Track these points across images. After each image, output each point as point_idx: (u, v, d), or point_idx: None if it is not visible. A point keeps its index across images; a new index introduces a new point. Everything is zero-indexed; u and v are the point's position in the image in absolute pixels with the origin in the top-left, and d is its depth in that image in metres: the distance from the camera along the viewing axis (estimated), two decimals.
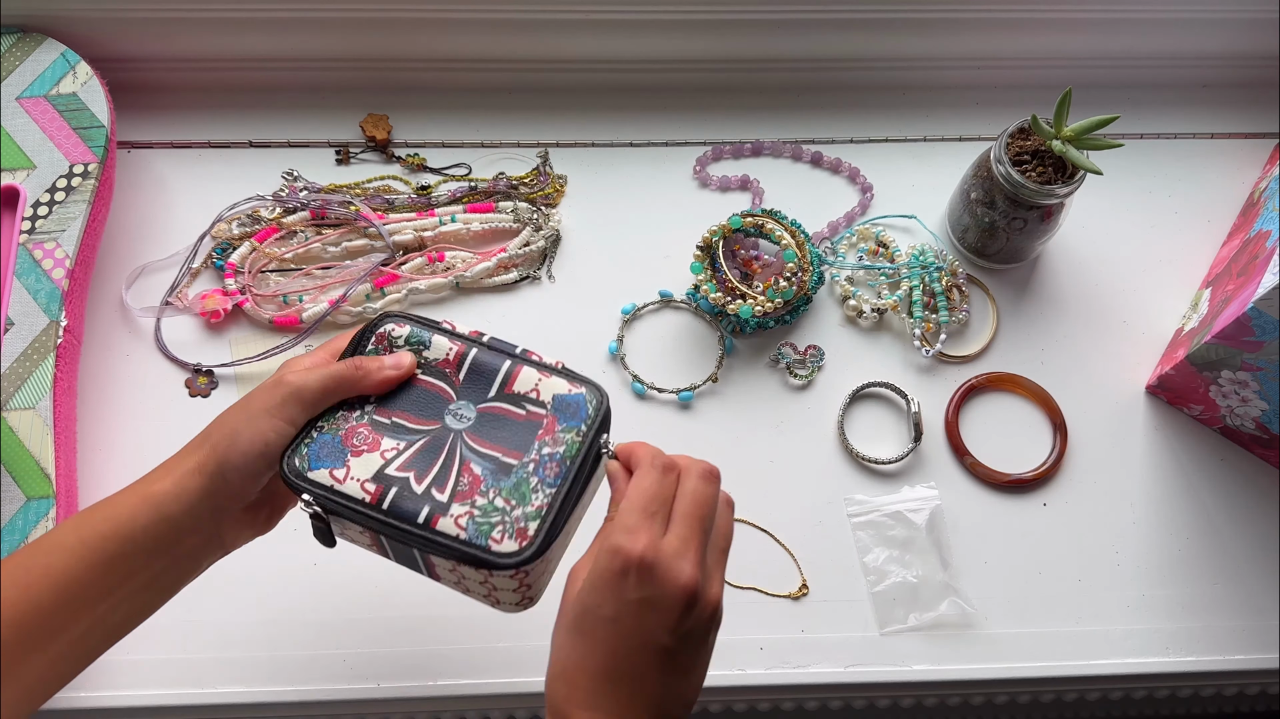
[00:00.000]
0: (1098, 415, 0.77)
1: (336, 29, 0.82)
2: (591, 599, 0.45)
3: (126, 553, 0.47)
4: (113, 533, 0.46)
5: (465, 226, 0.80)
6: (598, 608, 0.45)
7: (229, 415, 0.50)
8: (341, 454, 0.50)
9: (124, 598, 0.47)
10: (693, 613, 0.45)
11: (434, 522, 0.49)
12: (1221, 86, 0.90)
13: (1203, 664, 0.71)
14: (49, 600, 0.45)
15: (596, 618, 0.45)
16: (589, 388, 0.53)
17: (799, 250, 0.77)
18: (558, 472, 0.50)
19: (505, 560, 0.48)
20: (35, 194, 0.74)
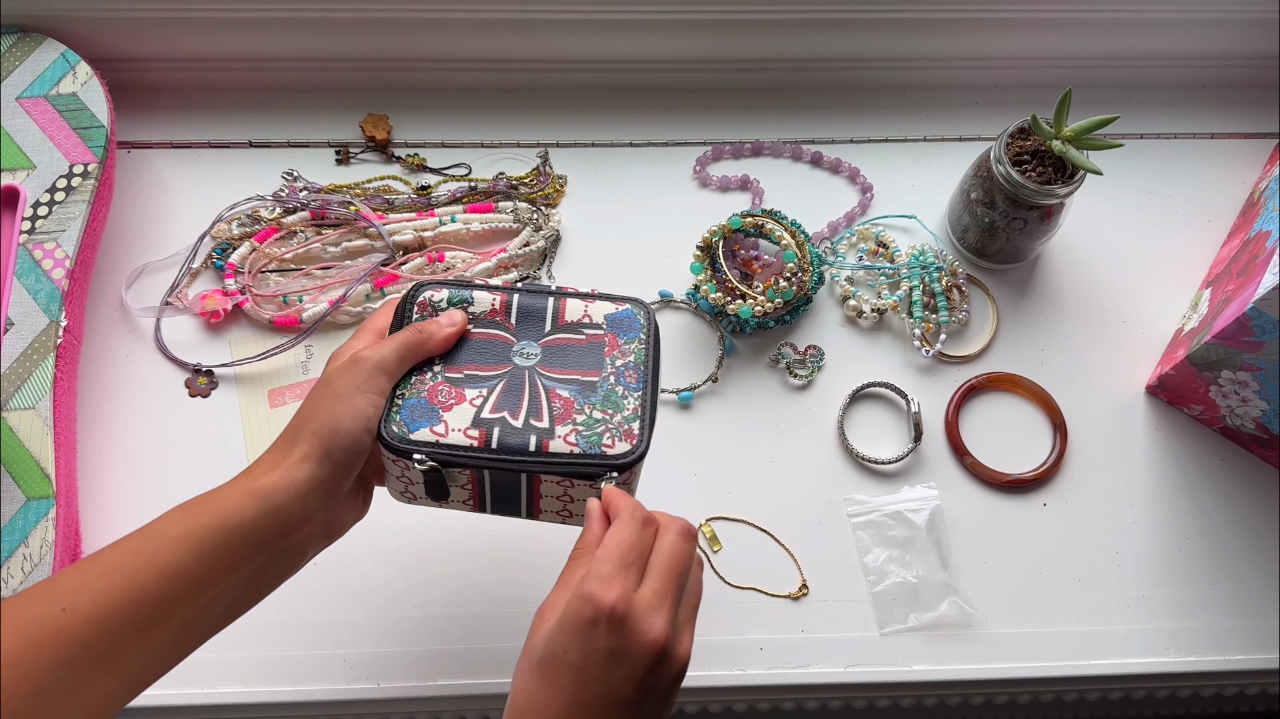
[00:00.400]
0: (1098, 415, 0.77)
1: (336, 29, 0.82)
2: (559, 643, 0.45)
3: (233, 545, 0.46)
4: (220, 525, 0.46)
5: (465, 226, 0.80)
6: (564, 653, 0.44)
7: (319, 402, 0.50)
8: (433, 412, 0.52)
9: (228, 590, 0.47)
10: (660, 669, 0.44)
11: (545, 446, 0.52)
12: (1221, 86, 0.90)
13: (1203, 664, 0.71)
14: (154, 590, 0.44)
15: (562, 663, 0.44)
16: (632, 303, 0.58)
17: (799, 250, 0.77)
18: (637, 377, 0.55)
19: (624, 460, 0.52)
20: (35, 194, 0.74)
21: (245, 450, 0.73)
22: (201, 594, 0.46)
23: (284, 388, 0.75)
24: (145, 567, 0.45)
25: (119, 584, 0.44)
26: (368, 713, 0.69)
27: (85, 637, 0.43)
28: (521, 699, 0.45)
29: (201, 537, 0.46)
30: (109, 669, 0.44)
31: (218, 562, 0.46)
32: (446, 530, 0.72)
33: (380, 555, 0.71)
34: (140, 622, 0.44)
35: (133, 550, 0.46)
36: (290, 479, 0.48)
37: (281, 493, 0.48)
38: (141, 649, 0.45)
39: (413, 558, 0.71)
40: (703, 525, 0.73)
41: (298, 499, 0.48)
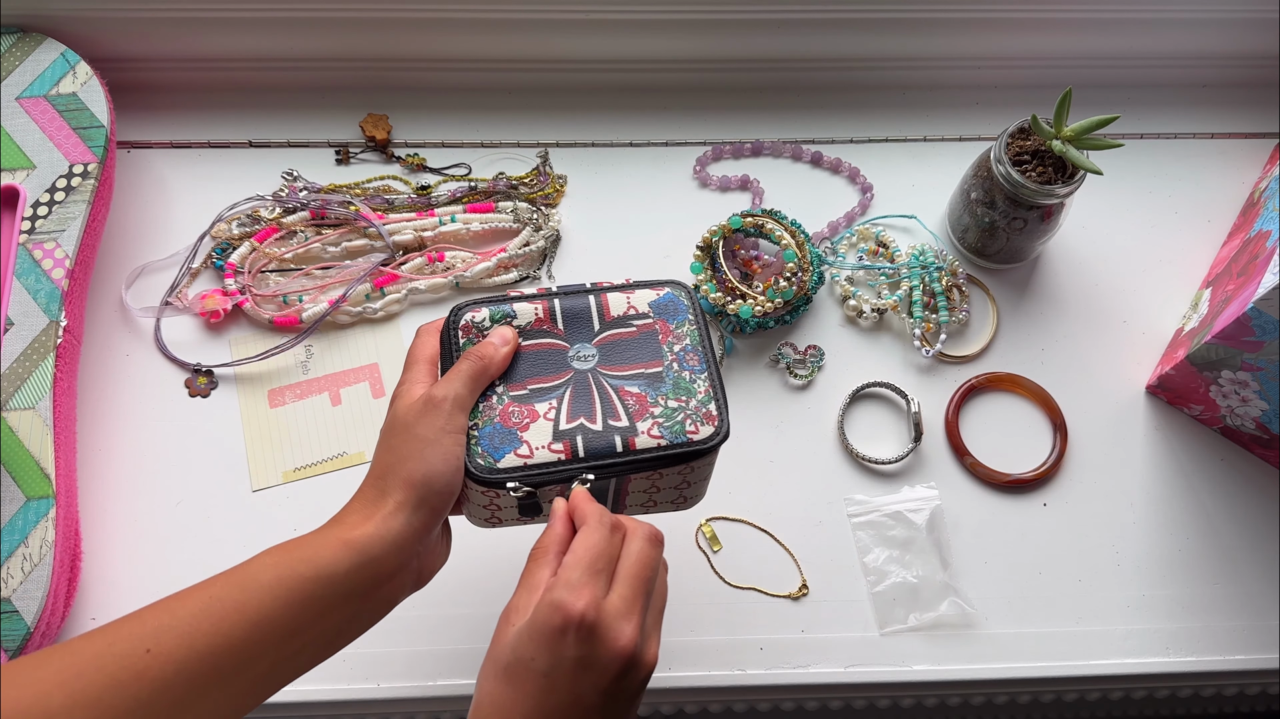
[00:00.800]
0: (1098, 415, 0.77)
1: (336, 29, 0.82)
2: (526, 650, 0.44)
3: (325, 595, 0.46)
4: (314, 575, 0.46)
5: (465, 226, 0.80)
6: (531, 660, 0.44)
7: (406, 449, 0.49)
8: (511, 435, 0.52)
9: (314, 639, 0.47)
10: (629, 675, 0.44)
11: (631, 444, 0.52)
12: (1221, 86, 0.90)
13: (1203, 664, 0.71)
14: (240, 637, 0.44)
15: (529, 669, 0.44)
16: (671, 285, 0.57)
17: (799, 250, 0.77)
18: (698, 358, 0.55)
19: (711, 443, 0.53)
20: (35, 194, 0.74)
21: (245, 450, 0.73)
22: (288, 643, 0.45)
23: (284, 388, 0.75)
24: (234, 613, 0.44)
25: (205, 630, 0.43)
26: (368, 713, 0.69)
27: (167, 680, 0.42)
28: (487, 703, 0.45)
29: (293, 585, 0.45)
30: (186, 712, 0.43)
31: (307, 612, 0.45)
32: None
33: None
34: (224, 669, 0.43)
35: (222, 596, 0.45)
36: (387, 529, 0.47)
37: (378, 544, 0.47)
38: (221, 694, 0.44)
39: None
40: (703, 525, 0.73)
41: (394, 549, 0.47)
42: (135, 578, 0.69)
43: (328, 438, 0.74)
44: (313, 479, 0.73)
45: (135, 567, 0.69)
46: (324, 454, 0.74)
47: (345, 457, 0.74)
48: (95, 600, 0.69)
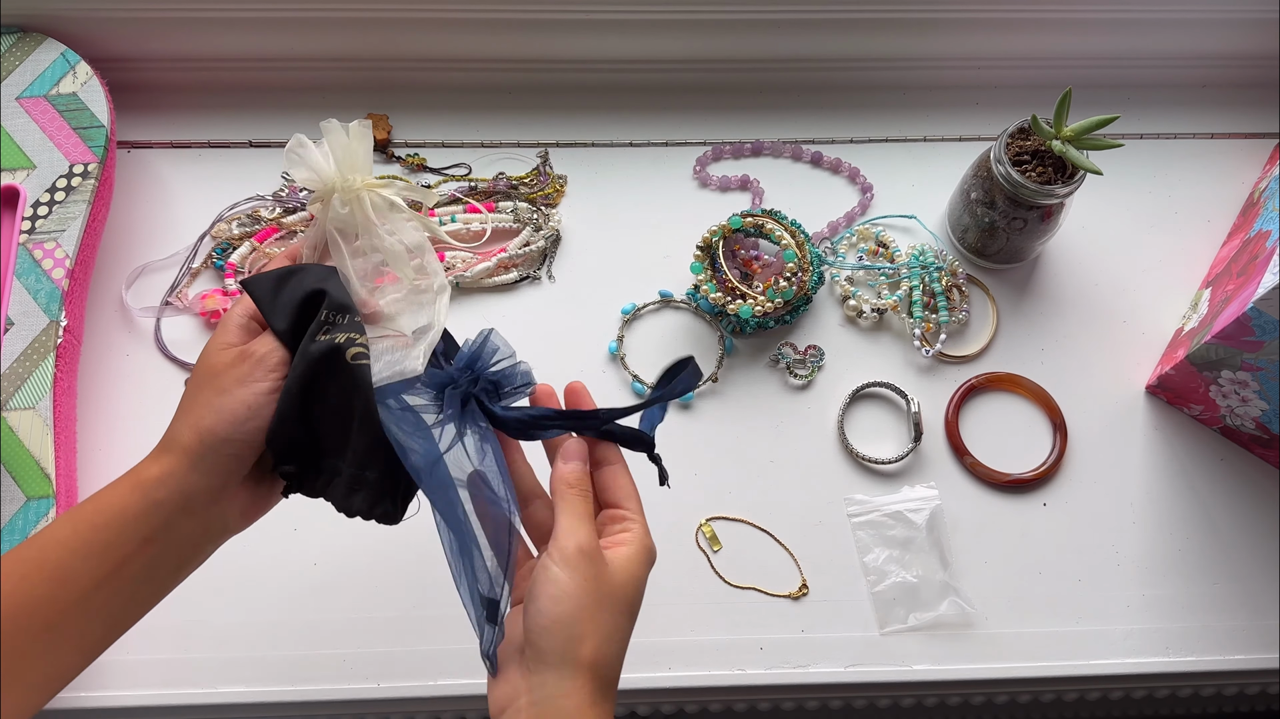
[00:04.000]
0: (1098, 415, 0.77)
1: (336, 29, 0.82)
2: (642, 585, 0.48)
3: (118, 542, 0.46)
4: (104, 523, 0.46)
5: (465, 226, 0.80)
6: (640, 595, 0.48)
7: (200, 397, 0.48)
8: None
9: (120, 588, 0.46)
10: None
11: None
12: (1221, 86, 0.90)
13: (1203, 664, 0.71)
14: (44, 593, 0.44)
15: (638, 602, 0.48)
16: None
17: (799, 250, 0.77)
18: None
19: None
20: (35, 194, 0.74)
21: None
22: (94, 594, 0.45)
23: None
24: (34, 571, 0.44)
25: (8, 591, 0.44)
26: (368, 713, 0.69)
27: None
28: (618, 638, 0.46)
29: (88, 536, 0.45)
30: (11, 678, 0.43)
31: (105, 559, 0.45)
32: None
33: (380, 555, 0.71)
34: (34, 629, 0.43)
35: (25, 557, 0.45)
36: (169, 473, 0.47)
37: (160, 486, 0.46)
38: (41, 656, 0.44)
39: (413, 558, 0.71)
40: (703, 525, 0.73)
41: (178, 495, 0.47)
42: None
43: None
44: None
45: None
46: None
47: None
48: None
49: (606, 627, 0.45)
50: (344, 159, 0.52)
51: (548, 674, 0.44)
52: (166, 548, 0.47)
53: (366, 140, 0.52)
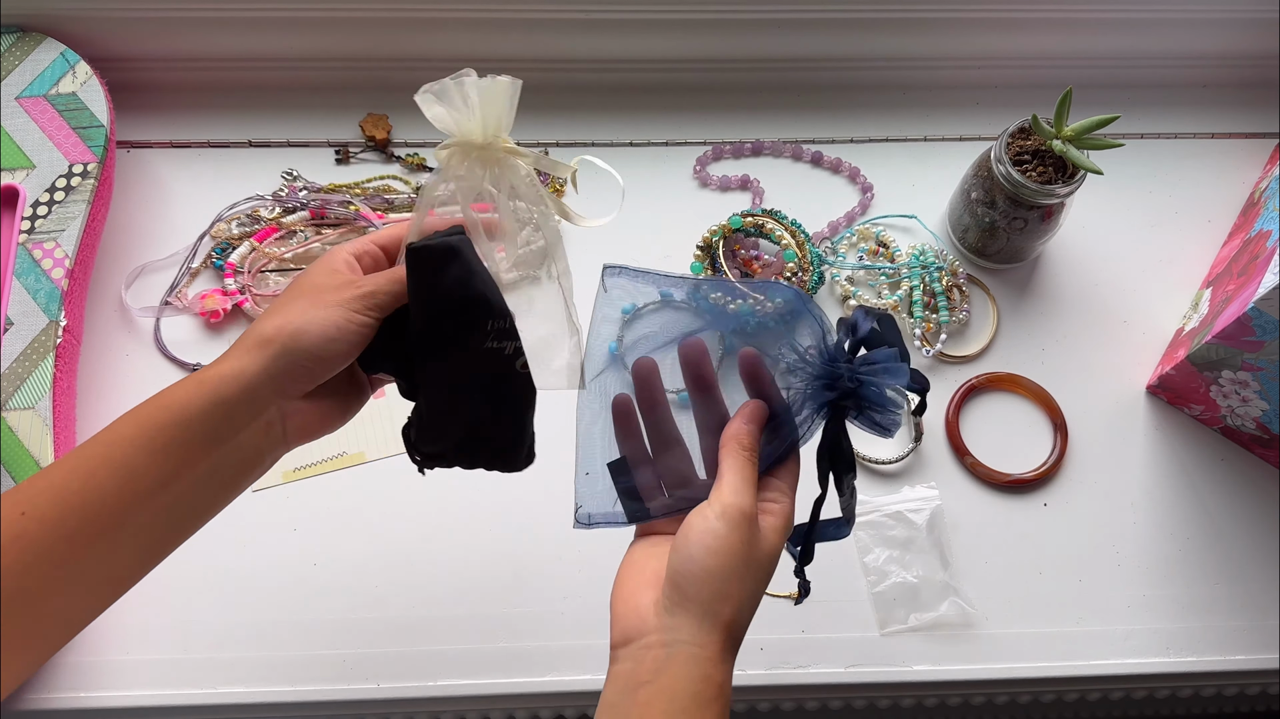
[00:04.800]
0: (1098, 415, 0.77)
1: (336, 29, 0.82)
2: (778, 558, 0.49)
3: (183, 440, 0.45)
4: (170, 420, 0.45)
5: None
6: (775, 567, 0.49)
7: (293, 304, 0.48)
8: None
9: (185, 489, 0.46)
10: None
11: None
12: (1221, 86, 0.90)
13: (1203, 664, 0.71)
14: (111, 489, 0.44)
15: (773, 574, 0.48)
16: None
17: (799, 250, 0.77)
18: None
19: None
20: (35, 194, 0.74)
21: None
22: (159, 493, 0.45)
23: None
24: (101, 468, 0.44)
25: (76, 488, 0.43)
26: (367, 713, 0.69)
27: (44, 540, 0.42)
28: (751, 604, 0.47)
29: (154, 433, 0.45)
30: (74, 575, 0.43)
31: (169, 457, 0.45)
32: (447, 531, 0.72)
33: (380, 555, 0.71)
34: (100, 523, 0.43)
35: (90, 453, 0.45)
36: (239, 369, 0.47)
37: (230, 383, 0.47)
38: (104, 554, 0.44)
39: (413, 558, 0.71)
40: None
41: (245, 391, 0.47)
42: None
43: (327, 438, 0.74)
44: (313, 479, 0.73)
45: None
46: (324, 454, 0.73)
47: (345, 457, 0.73)
48: None
49: (749, 591, 0.46)
50: (489, 114, 0.51)
51: (686, 620, 0.45)
52: (230, 450, 0.47)
53: (513, 98, 0.52)
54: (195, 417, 0.46)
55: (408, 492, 0.73)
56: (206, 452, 0.46)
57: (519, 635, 0.69)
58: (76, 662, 0.67)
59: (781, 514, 0.49)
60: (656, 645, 0.45)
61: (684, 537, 0.46)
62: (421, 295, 0.50)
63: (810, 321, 0.50)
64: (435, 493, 0.73)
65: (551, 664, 0.68)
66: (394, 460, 0.74)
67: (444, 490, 0.73)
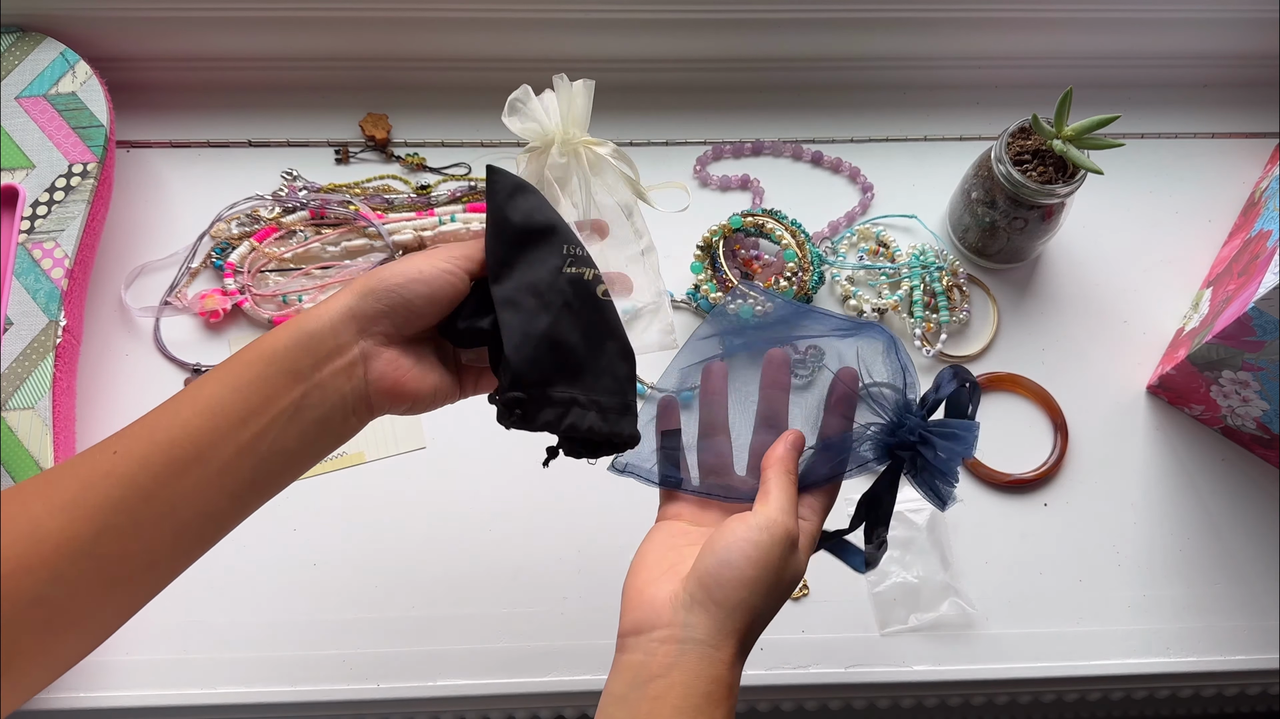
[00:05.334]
0: (1098, 415, 0.77)
1: (336, 29, 0.82)
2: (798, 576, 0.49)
3: (269, 375, 0.46)
4: (256, 356, 0.46)
5: (465, 226, 0.80)
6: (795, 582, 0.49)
7: (398, 264, 0.49)
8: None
9: (268, 426, 0.46)
10: None
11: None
12: (1221, 86, 0.90)
13: (1203, 664, 0.71)
14: (196, 425, 0.44)
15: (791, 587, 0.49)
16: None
17: (799, 250, 0.77)
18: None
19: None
20: (34, 194, 0.74)
21: None
22: (243, 428, 0.45)
23: None
24: (188, 404, 0.45)
25: (164, 424, 0.45)
26: (368, 713, 0.69)
27: (133, 475, 0.43)
28: (762, 610, 0.47)
29: (239, 370, 0.46)
30: (162, 511, 0.44)
31: (255, 393, 0.46)
32: (447, 531, 0.72)
33: (381, 555, 0.71)
34: (184, 457, 0.44)
35: (182, 397, 0.46)
36: (328, 310, 0.48)
37: (314, 320, 0.47)
38: (190, 490, 0.44)
39: (413, 558, 0.71)
40: None
41: (329, 327, 0.47)
42: None
43: None
44: (313, 479, 0.73)
45: None
46: None
47: (345, 456, 0.73)
48: None
49: (769, 607, 0.47)
50: (567, 113, 0.53)
51: (705, 620, 0.45)
52: (312, 390, 0.47)
53: (588, 98, 0.54)
54: (280, 351, 0.46)
55: (408, 492, 0.73)
56: (289, 386, 0.46)
57: (519, 635, 0.69)
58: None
59: (808, 534, 0.50)
60: (670, 640, 0.45)
61: (724, 540, 0.47)
62: (500, 216, 0.49)
63: (894, 366, 0.51)
64: (435, 493, 0.73)
65: (551, 664, 0.68)
66: (394, 460, 0.74)
67: (444, 490, 0.73)
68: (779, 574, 0.47)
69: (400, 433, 0.74)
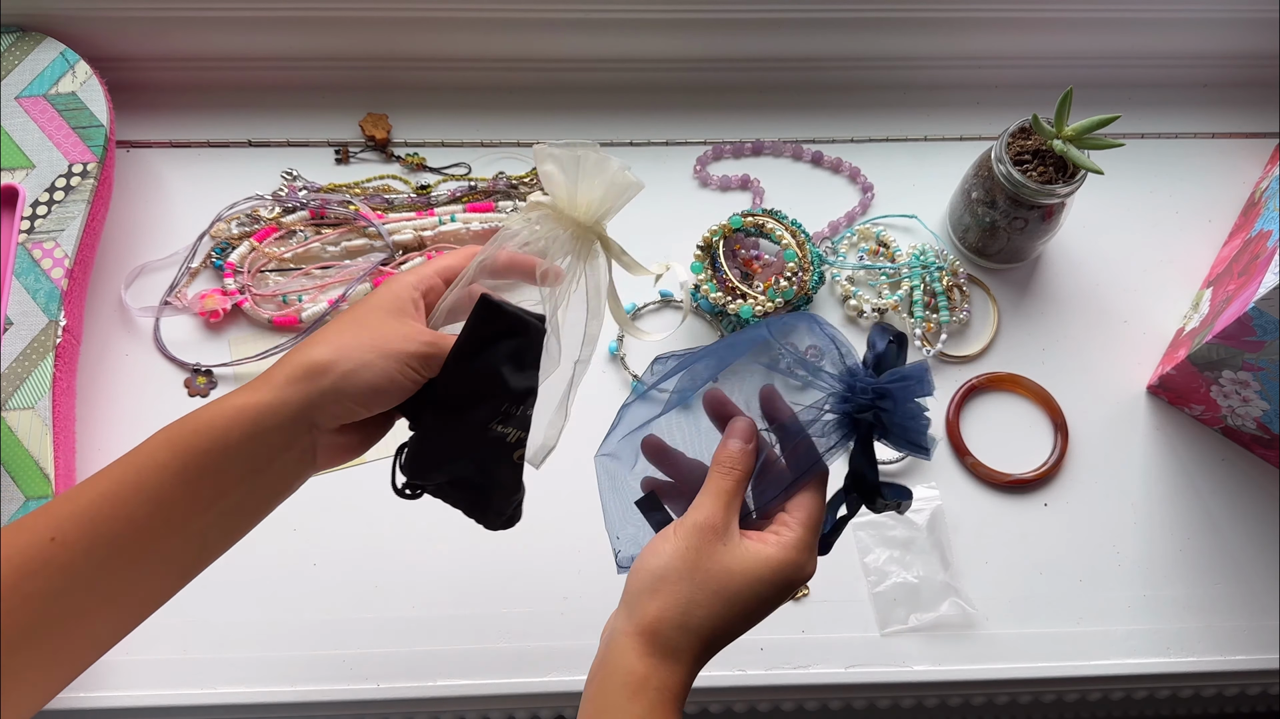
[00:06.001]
0: (1099, 415, 0.77)
1: (336, 29, 0.82)
2: (770, 596, 0.48)
3: (219, 469, 0.45)
4: (207, 448, 0.44)
5: (465, 226, 0.80)
6: (770, 604, 0.49)
7: (354, 334, 0.47)
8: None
9: (217, 517, 0.46)
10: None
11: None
12: (1221, 86, 0.90)
13: (1203, 664, 0.71)
14: (143, 516, 0.43)
15: (761, 607, 0.48)
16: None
17: (799, 250, 0.77)
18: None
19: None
20: (34, 194, 0.74)
21: None
22: (192, 520, 0.45)
23: None
24: (133, 494, 0.43)
25: (107, 514, 0.43)
26: (368, 713, 0.69)
27: (75, 567, 0.42)
28: (701, 614, 0.46)
29: (189, 461, 0.44)
30: (104, 599, 0.43)
31: (204, 486, 0.45)
32: (446, 531, 0.72)
33: (380, 555, 0.71)
34: (130, 551, 0.43)
35: (122, 478, 0.44)
36: (281, 402, 0.46)
37: (270, 415, 0.46)
38: (134, 579, 0.44)
39: (413, 558, 0.71)
40: None
41: (285, 424, 0.46)
42: None
43: None
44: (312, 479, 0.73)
45: None
46: None
47: None
48: None
49: (683, 597, 0.46)
50: (602, 199, 0.52)
51: (622, 610, 0.47)
52: (266, 479, 0.47)
53: (629, 196, 0.52)
54: (234, 447, 0.45)
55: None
56: (241, 481, 0.46)
57: (519, 635, 0.69)
58: None
59: (780, 545, 0.48)
60: (605, 631, 0.47)
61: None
62: (465, 347, 0.49)
63: (823, 340, 0.50)
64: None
65: (551, 664, 0.68)
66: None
67: None
68: (693, 563, 0.46)
69: (401, 433, 0.74)
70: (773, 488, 0.49)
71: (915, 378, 0.47)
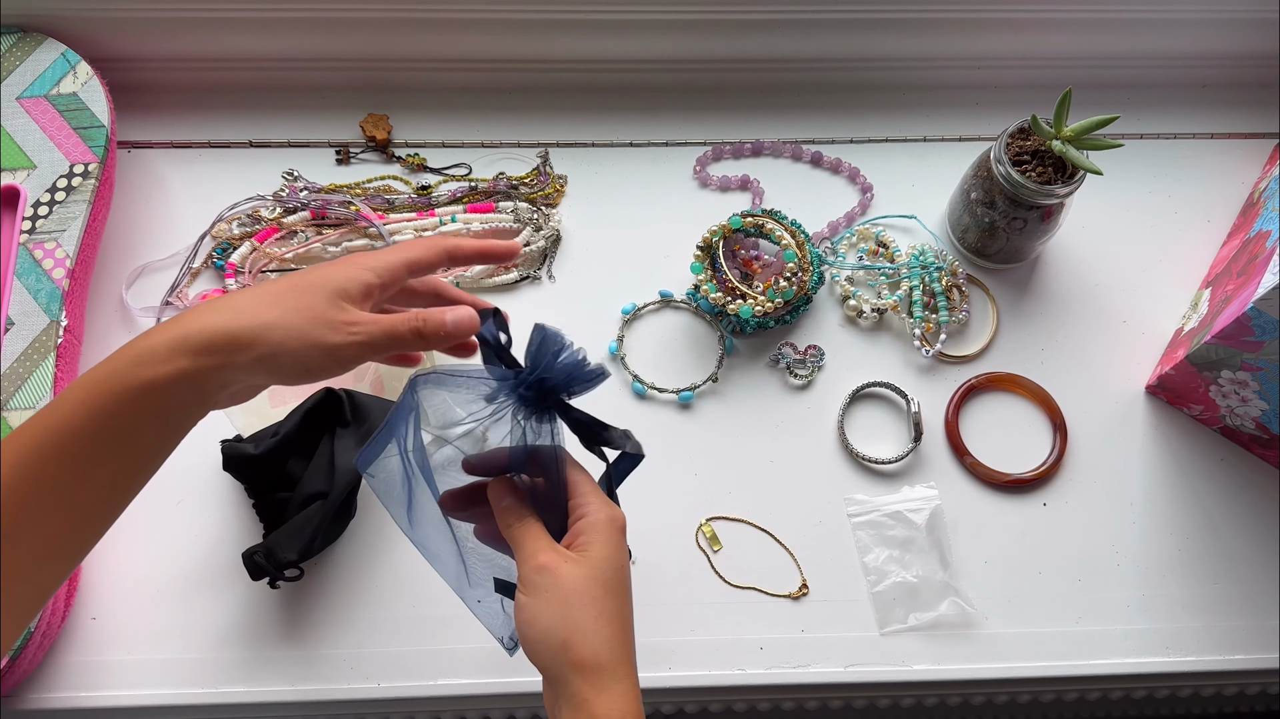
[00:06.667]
0: (1098, 415, 0.77)
1: (336, 29, 0.82)
2: (618, 558, 0.49)
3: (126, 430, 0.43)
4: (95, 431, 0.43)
5: (465, 226, 0.80)
6: (622, 566, 0.49)
7: (279, 318, 0.44)
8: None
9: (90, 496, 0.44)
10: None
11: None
12: (1221, 86, 0.90)
13: (1203, 664, 0.71)
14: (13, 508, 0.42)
15: (623, 575, 0.49)
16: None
17: (799, 250, 0.77)
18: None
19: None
20: (35, 194, 0.74)
21: None
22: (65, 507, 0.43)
23: (284, 387, 0.75)
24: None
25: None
26: (368, 713, 0.69)
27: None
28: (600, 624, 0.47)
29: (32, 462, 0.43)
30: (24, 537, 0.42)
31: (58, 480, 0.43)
32: None
33: (380, 555, 0.71)
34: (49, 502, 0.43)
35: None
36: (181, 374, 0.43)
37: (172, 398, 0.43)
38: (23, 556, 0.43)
39: (413, 558, 0.71)
40: (703, 525, 0.73)
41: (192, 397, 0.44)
42: (135, 578, 0.69)
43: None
44: None
45: (135, 567, 0.69)
46: None
47: None
48: (95, 600, 0.69)
49: (585, 623, 0.46)
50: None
51: (561, 687, 0.46)
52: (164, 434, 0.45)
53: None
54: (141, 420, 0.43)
55: None
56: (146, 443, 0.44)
57: None
58: (77, 661, 0.67)
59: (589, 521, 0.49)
60: (566, 712, 0.46)
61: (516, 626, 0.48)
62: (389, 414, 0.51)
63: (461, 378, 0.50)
64: None
65: None
66: None
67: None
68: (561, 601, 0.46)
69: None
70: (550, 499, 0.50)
71: (539, 335, 0.48)
